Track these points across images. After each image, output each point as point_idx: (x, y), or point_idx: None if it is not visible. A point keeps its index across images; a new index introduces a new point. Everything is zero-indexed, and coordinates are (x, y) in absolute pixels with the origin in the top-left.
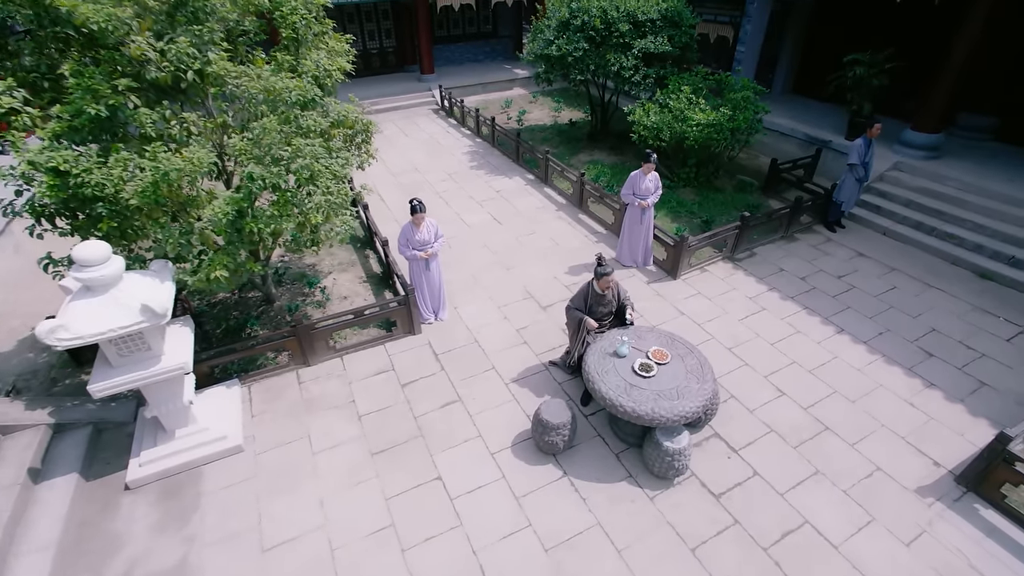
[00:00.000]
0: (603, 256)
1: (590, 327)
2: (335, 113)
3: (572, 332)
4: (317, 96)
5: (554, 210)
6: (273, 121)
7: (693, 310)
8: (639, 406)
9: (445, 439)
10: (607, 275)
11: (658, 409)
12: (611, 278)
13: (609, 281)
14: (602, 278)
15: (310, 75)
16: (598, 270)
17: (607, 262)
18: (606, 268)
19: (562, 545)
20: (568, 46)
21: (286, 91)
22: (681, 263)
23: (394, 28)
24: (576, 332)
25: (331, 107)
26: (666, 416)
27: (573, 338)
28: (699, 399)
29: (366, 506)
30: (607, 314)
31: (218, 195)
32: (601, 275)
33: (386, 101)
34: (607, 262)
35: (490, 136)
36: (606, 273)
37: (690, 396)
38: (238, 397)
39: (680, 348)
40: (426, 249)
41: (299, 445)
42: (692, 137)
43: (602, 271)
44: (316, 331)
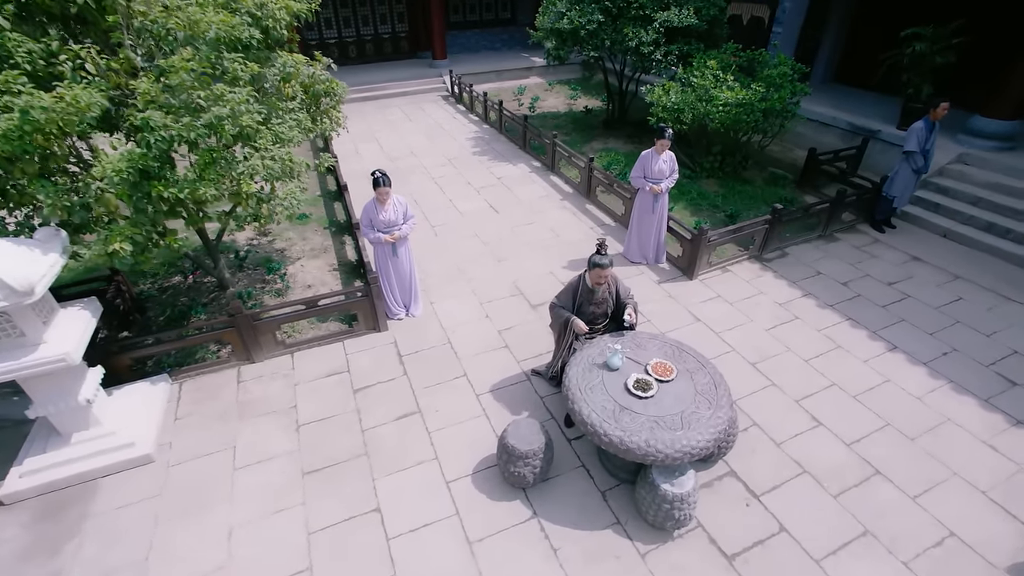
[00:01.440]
0: (605, 243)
1: (578, 331)
2: (281, 65)
3: (556, 335)
4: (254, 39)
5: (558, 199)
6: (184, 59)
7: (711, 316)
8: (630, 436)
9: (393, 460)
10: (601, 267)
11: (655, 442)
12: (607, 271)
13: (604, 274)
14: (594, 269)
15: (246, 12)
16: (593, 258)
17: (607, 251)
18: (603, 258)
19: None
20: (581, 18)
21: (206, 24)
22: (699, 261)
23: (407, 12)
24: (561, 336)
25: (279, 59)
26: (665, 452)
27: (558, 343)
28: (710, 430)
29: (283, 542)
30: (601, 316)
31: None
32: (594, 265)
33: (394, 86)
34: (607, 251)
35: (498, 122)
36: (600, 264)
37: (699, 426)
38: (163, 396)
39: (689, 362)
40: (392, 231)
41: (221, 457)
42: (717, 119)
43: (596, 260)
44: (260, 323)
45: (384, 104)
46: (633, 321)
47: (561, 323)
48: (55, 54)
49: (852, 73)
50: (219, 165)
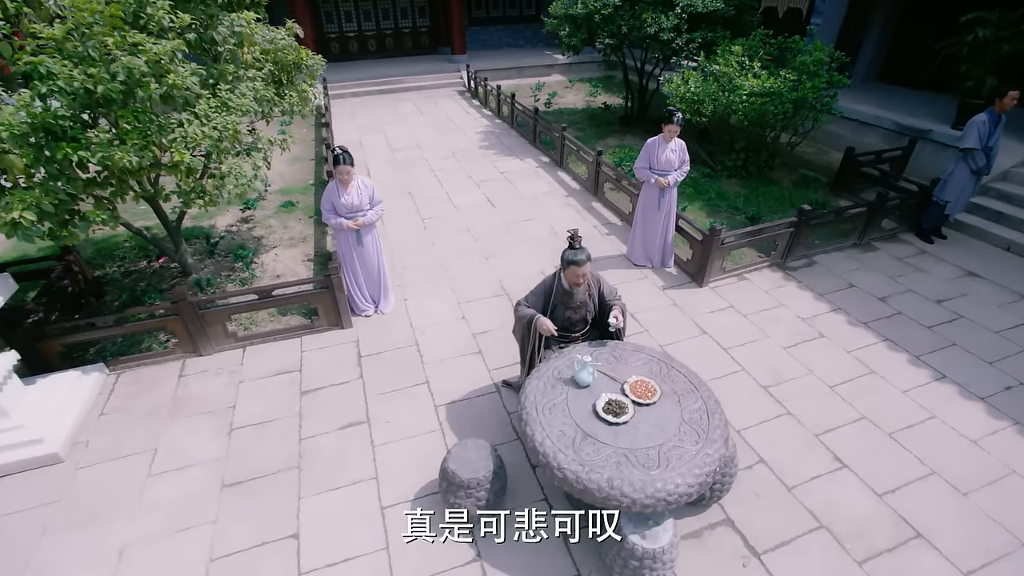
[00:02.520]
0: (578, 233)
1: (543, 332)
2: (229, 23)
3: (520, 341)
4: None
5: (563, 195)
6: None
7: (720, 328)
8: (589, 472)
9: (327, 476)
10: (577, 263)
11: (620, 482)
12: (584, 269)
13: (580, 272)
14: (569, 267)
15: None
16: (565, 254)
17: (581, 243)
18: (578, 252)
19: None
20: (596, 3)
21: None
22: (711, 265)
23: (428, 6)
24: (525, 341)
25: (227, 18)
26: (632, 496)
27: (523, 352)
28: (695, 471)
29: (177, 568)
30: (579, 322)
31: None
32: (568, 262)
33: (410, 80)
34: (581, 243)
35: (510, 117)
36: (575, 261)
37: (680, 465)
38: (94, 388)
39: (679, 383)
40: (355, 217)
41: (137, 461)
42: (741, 111)
43: (570, 256)
44: (208, 312)
45: (398, 98)
46: (620, 325)
47: (524, 324)
48: None
49: (898, 71)
50: (148, 130)
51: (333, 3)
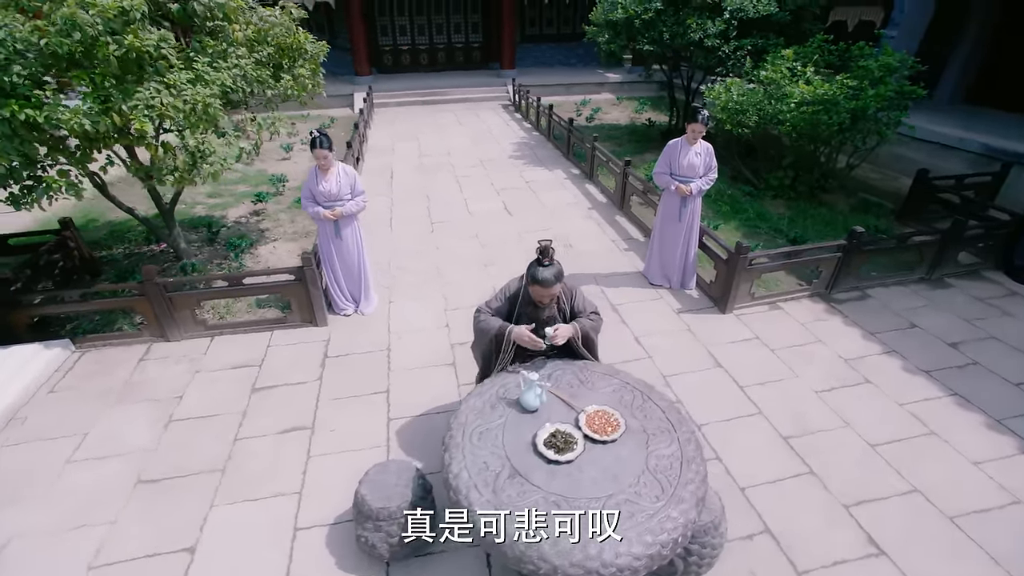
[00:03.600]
0: (551, 248)
1: (526, 341)
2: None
3: (483, 356)
4: None
5: (586, 208)
6: None
7: (739, 362)
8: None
9: (249, 484)
10: (543, 284)
11: (542, 544)
12: (551, 291)
13: (546, 294)
14: (534, 285)
15: None
16: (531, 271)
17: (553, 260)
18: (546, 270)
19: None
20: (637, 7)
21: None
22: (736, 289)
23: (482, 23)
24: (491, 358)
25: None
26: (552, 563)
27: (485, 370)
28: (649, 537)
29: (54, 571)
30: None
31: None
32: (534, 280)
33: (455, 92)
34: (553, 260)
35: (547, 129)
36: (540, 281)
37: (630, 526)
38: (50, 364)
39: (653, 418)
40: (333, 207)
41: (63, 445)
42: (789, 120)
43: (536, 274)
44: (176, 296)
45: (440, 108)
46: (554, 338)
47: (489, 339)
48: None
49: (991, 92)
50: (108, 94)
51: (389, 17)
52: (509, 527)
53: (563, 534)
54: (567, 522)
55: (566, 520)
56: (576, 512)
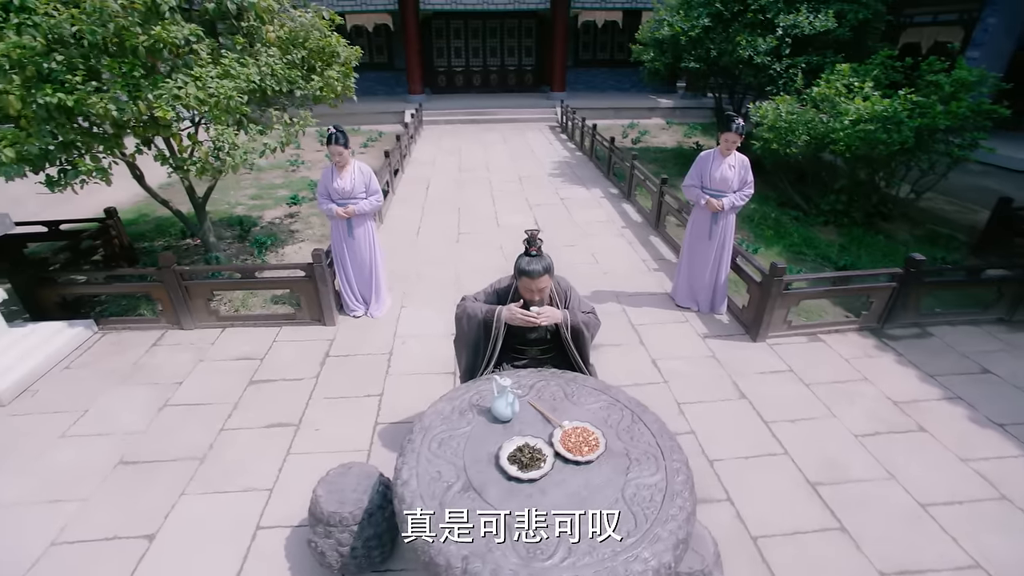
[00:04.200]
0: (538, 236)
1: (517, 318)
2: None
3: (469, 349)
4: None
5: (619, 226)
6: None
7: (766, 395)
8: (446, 540)
9: (223, 476)
10: (530, 276)
11: (480, 567)
12: (539, 284)
13: (534, 288)
14: (521, 278)
15: None
16: (519, 262)
17: (541, 250)
18: (532, 262)
19: None
20: (684, 24)
21: None
22: (770, 315)
23: (535, 47)
24: (480, 347)
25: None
26: None
27: (473, 365)
28: None
29: (16, 543)
30: (538, 340)
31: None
32: (521, 272)
33: (504, 113)
34: (541, 250)
35: (590, 149)
36: (527, 272)
37: (588, 564)
38: (72, 342)
39: (640, 442)
40: (347, 205)
41: (63, 420)
42: (842, 140)
43: (523, 265)
44: (191, 284)
45: (488, 127)
46: (539, 315)
47: (476, 324)
48: None
49: None
50: (137, 83)
51: (445, 40)
52: (449, 549)
53: (504, 562)
54: (514, 552)
55: (513, 550)
56: (528, 540)
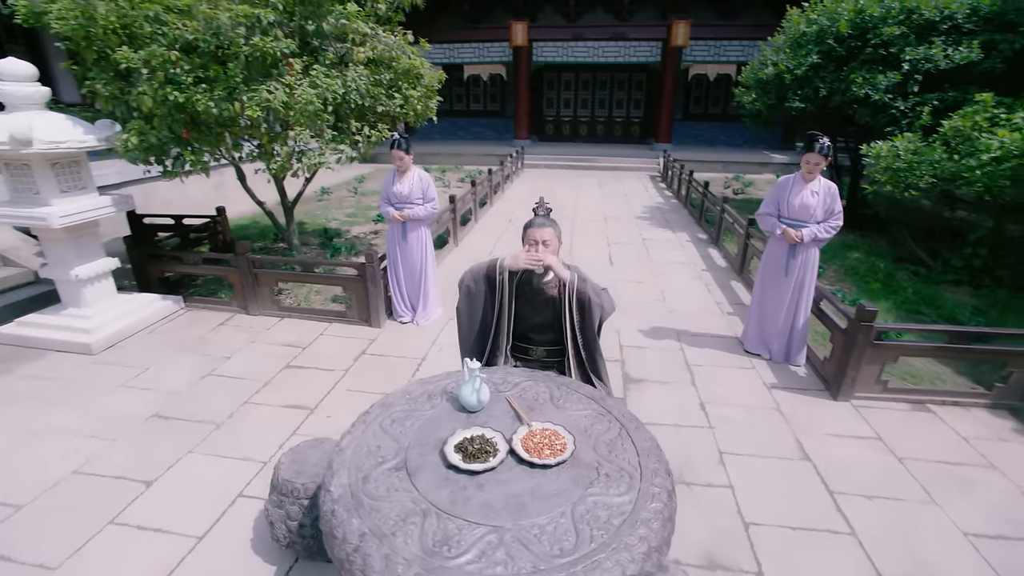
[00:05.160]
0: (544, 202)
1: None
2: (336, 16)
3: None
4: None
5: (699, 269)
6: None
7: (838, 461)
8: (347, 516)
9: (231, 443)
10: (534, 224)
11: (368, 552)
12: (543, 234)
13: (538, 238)
14: (526, 231)
15: None
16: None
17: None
18: (536, 218)
19: None
20: (790, 62)
21: None
22: (856, 370)
23: (644, 100)
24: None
25: (335, 9)
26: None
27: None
28: None
29: (45, 465)
30: (541, 327)
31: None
32: (529, 225)
33: (605, 160)
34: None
35: (686, 196)
36: (533, 222)
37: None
38: (161, 312)
39: (618, 459)
40: (403, 209)
41: (126, 372)
42: (980, 179)
43: (535, 220)
44: (259, 272)
45: (586, 173)
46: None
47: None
48: None
49: None
50: (235, 85)
51: (555, 91)
52: (347, 527)
53: (403, 549)
54: (415, 544)
55: (416, 541)
56: (439, 534)
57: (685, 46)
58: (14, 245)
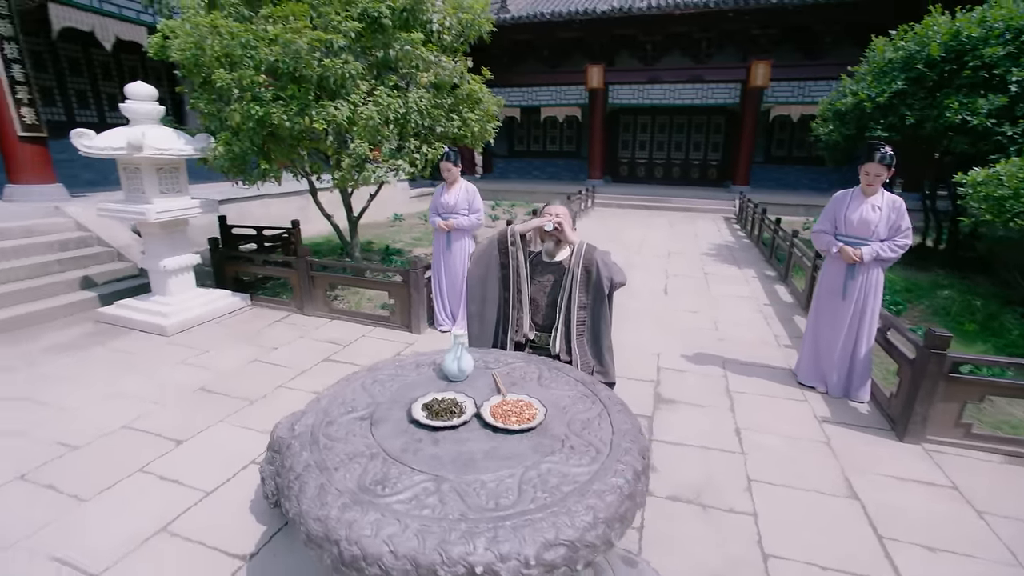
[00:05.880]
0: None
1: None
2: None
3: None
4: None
5: (762, 303)
6: None
7: (895, 504)
8: (300, 450)
9: (254, 417)
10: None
11: (307, 481)
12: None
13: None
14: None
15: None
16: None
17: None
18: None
19: None
20: (871, 90)
21: None
22: (926, 406)
23: (723, 142)
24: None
25: (400, 38)
26: (316, 513)
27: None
28: (432, 543)
29: (107, 418)
30: (546, 306)
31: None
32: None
33: (679, 202)
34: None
35: (758, 235)
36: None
37: (432, 521)
38: (229, 306)
39: (589, 434)
40: (448, 219)
41: (189, 352)
42: None
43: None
44: (315, 275)
45: (658, 214)
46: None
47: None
48: None
49: None
50: (306, 102)
51: (631, 133)
52: (299, 459)
53: (340, 482)
54: (350, 477)
55: (351, 474)
56: (378, 473)
57: (766, 87)
58: (127, 244)
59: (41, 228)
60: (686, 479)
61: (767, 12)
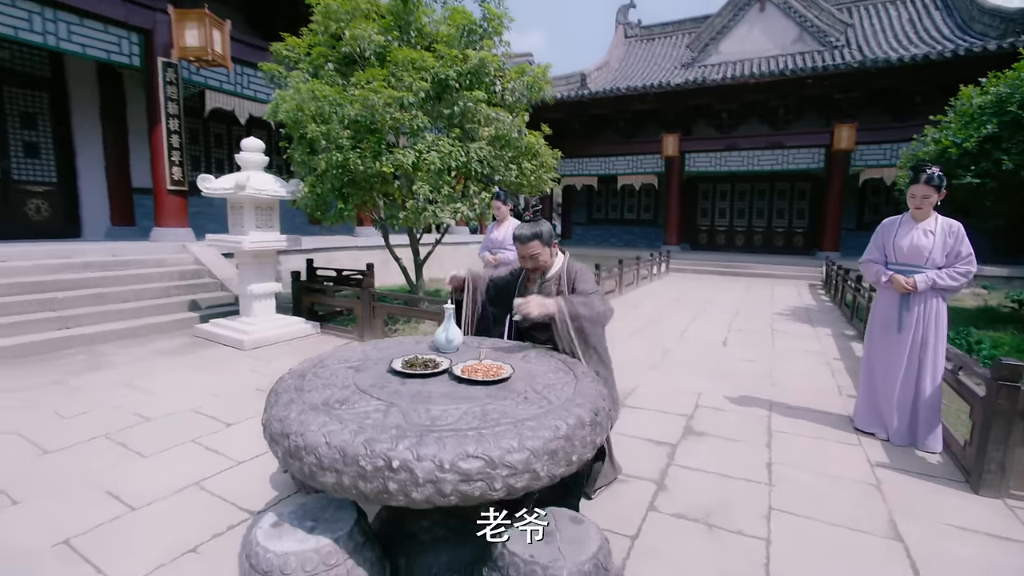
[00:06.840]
0: (534, 204)
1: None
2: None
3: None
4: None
5: (831, 357)
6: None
7: (953, 555)
8: (284, 379)
9: None
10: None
11: (282, 410)
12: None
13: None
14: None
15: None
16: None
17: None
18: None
19: None
20: (957, 136)
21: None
22: (1000, 450)
23: (808, 209)
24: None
25: (463, 97)
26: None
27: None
28: (377, 447)
29: (172, 407)
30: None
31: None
32: (515, 238)
33: (759, 268)
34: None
35: (840, 298)
36: (517, 236)
37: (369, 427)
38: (300, 332)
39: (548, 393)
40: (497, 253)
41: (257, 363)
42: None
43: (517, 231)
44: (375, 304)
45: (735, 279)
46: (523, 306)
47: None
48: None
49: None
50: (379, 149)
51: (711, 201)
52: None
53: (308, 397)
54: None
55: (307, 395)
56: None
57: (851, 150)
58: (229, 276)
59: (170, 261)
60: (698, 500)
61: (848, 76)
